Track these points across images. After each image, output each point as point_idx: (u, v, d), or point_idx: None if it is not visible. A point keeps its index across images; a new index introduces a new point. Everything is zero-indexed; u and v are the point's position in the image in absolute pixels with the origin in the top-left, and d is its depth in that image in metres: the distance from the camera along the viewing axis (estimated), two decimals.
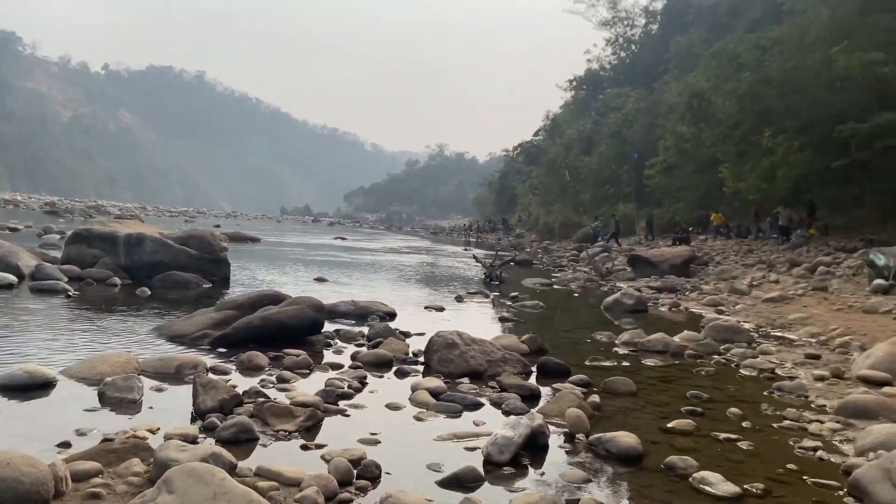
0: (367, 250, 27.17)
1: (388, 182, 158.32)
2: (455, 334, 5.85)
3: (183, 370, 5.00)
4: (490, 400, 4.83)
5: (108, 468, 3.05)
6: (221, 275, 11.29)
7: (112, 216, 36.25)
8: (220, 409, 4.00)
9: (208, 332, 6.33)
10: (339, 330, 7.26)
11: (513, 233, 48.96)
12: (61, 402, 4.22)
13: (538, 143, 65.52)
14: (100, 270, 10.31)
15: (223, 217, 71.54)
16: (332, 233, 46.29)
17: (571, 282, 15.93)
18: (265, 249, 22.70)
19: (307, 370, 5.42)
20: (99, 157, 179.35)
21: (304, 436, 3.82)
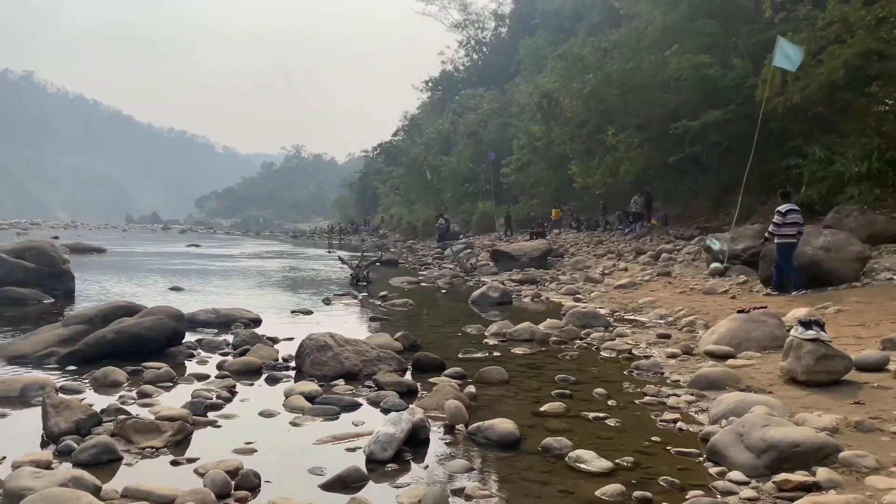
0: (225, 257, 26.09)
1: (243, 185, 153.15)
2: (327, 336, 5.75)
3: (28, 392, 4.56)
4: (367, 399, 4.79)
5: None
6: (64, 288, 10.42)
7: None
8: (76, 430, 3.68)
9: (55, 350, 5.81)
10: (201, 339, 6.92)
11: (377, 233, 48.91)
12: None
13: (397, 144, 65.85)
14: None
15: (61, 228, 66.09)
16: (185, 240, 44.06)
17: (438, 279, 16.14)
18: (112, 260, 21.18)
19: (170, 383, 5.12)
20: None
21: (173, 451, 3.61)
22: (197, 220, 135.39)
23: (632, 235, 20.56)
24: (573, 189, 26.87)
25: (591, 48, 24.60)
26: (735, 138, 16.56)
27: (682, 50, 18.10)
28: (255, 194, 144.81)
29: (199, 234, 65.20)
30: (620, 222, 23.12)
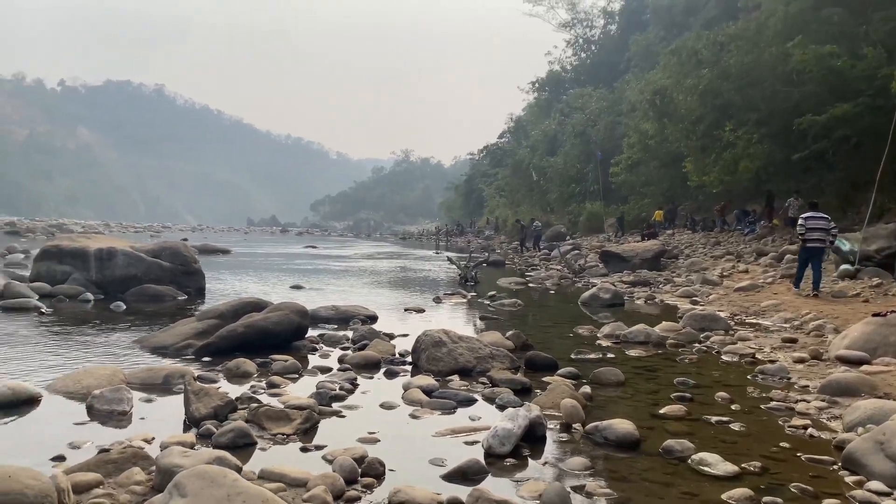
0: (340, 257, 27.02)
1: (355, 189, 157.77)
2: (442, 332, 5.86)
3: (170, 380, 4.93)
4: (483, 395, 4.85)
5: (109, 478, 3.00)
6: (196, 286, 11.14)
7: (77, 233, 35.49)
8: (214, 415, 3.95)
9: (191, 342, 6.24)
10: (322, 334, 7.23)
11: (482, 234, 49.10)
12: (49, 417, 4.13)
13: (503, 146, 65.90)
14: (71, 287, 10.10)
15: (189, 231, 70.48)
16: (302, 242, 45.95)
17: (546, 280, 16.03)
18: (236, 260, 22.44)
19: (296, 374, 5.39)
20: (58, 176, 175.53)
21: (301, 438, 3.80)
22: (312, 222, 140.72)
23: (752, 236, 19.59)
24: (686, 188, 25.95)
25: (706, 42, 23.72)
26: (866, 132, 15.46)
27: (806, 41, 17.11)
28: (367, 198, 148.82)
29: (314, 237, 67.83)
30: (739, 222, 22.08)
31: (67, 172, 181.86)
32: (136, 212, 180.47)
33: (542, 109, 56.71)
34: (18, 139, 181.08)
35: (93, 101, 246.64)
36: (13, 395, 4.28)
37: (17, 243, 25.41)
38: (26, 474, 2.57)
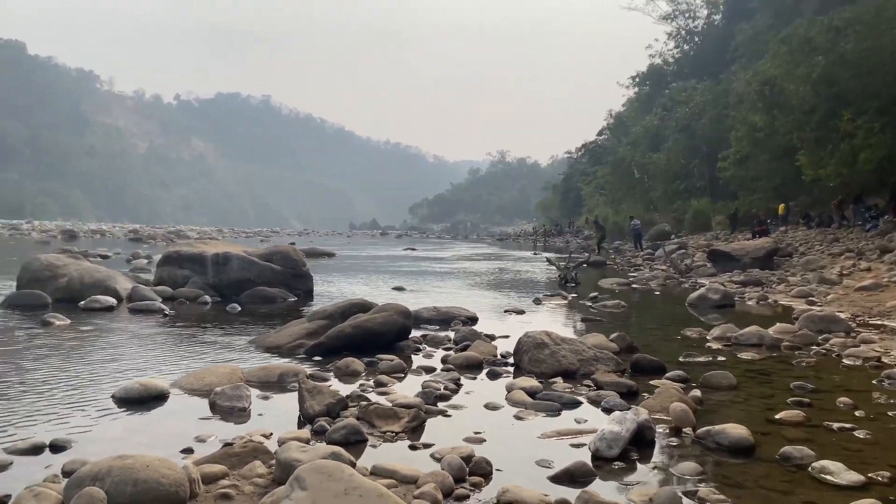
0: (438, 259, 27.37)
1: (452, 192, 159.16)
2: (544, 334, 5.84)
3: (285, 378, 5.16)
4: (587, 398, 4.80)
5: (233, 471, 3.19)
6: (305, 288, 11.59)
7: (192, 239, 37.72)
8: (326, 413, 4.11)
9: (303, 342, 6.52)
10: (425, 335, 7.36)
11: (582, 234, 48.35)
12: (176, 412, 4.42)
13: (602, 143, 64.69)
14: (190, 290, 10.74)
15: (296, 235, 73.40)
16: (402, 244, 46.85)
17: (650, 280, 15.63)
18: (340, 263, 23.17)
19: (402, 374, 5.52)
20: (174, 185, 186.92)
21: (409, 436, 3.89)
22: (411, 225, 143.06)
23: (875, 232, 18.34)
24: (800, 182, 24.60)
25: (819, 28, 22.45)
26: None
27: None
28: (463, 199, 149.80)
29: (413, 239, 68.98)
30: (859, 218, 20.72)
31: (182, 182, 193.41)
32: (246, 217, 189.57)
33: (643, 104, 55.26)
34: (139, 152, 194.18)
35: (205, 114, 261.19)
36: (144, 391, 4.61)
37: (141, 249, 27.24)
38: (162, 464, 2.78)
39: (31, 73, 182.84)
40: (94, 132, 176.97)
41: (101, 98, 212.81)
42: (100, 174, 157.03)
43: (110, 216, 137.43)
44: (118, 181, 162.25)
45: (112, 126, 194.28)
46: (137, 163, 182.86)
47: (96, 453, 3.39)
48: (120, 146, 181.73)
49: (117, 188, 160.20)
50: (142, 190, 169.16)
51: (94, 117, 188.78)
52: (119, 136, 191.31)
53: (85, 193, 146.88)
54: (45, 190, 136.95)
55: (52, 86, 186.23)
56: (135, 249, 27.14)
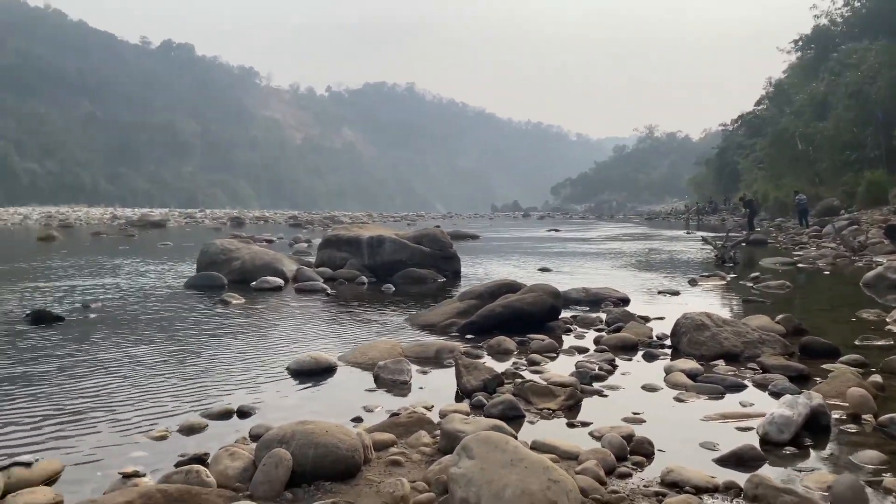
0: (583, 240, 26.94)
1: (596, 170, 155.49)
2: (704, 315, 5.62)
3: (441, 354, 5.35)
4: (753, 381, 4.58)
5: (401, 439, 3.37)
6: (453, 269, 11.86)
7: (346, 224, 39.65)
8: (483, 388, 4.23)
9: (455, 321, 6.70)
10: (575, 316, 7.32)
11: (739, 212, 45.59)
12: (344, 384, 4.72)
13: (761, 114, 60.45)
14: (348, 271, 11.33)
15: (440, 218, 74.97)
16: (544, 225, 46.52)
17: (817, 259, 14.52)
18: (485, 245, 23.43)
19: (554, 354, 5.54)
20: (328, 173, 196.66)
21: (566, 414, 3.91)
22: (553, 206, 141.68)
23: None
24: None
25: None
26: None
27: None
28: (608, 178, 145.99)
29: (556, 220, 68.30)
30: None
31: (335, 169, 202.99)
32: (393, 202, 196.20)
33: (808, 70, 50.94)
34: (296, 142, 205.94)
35: (354, 103, 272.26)
36: (315, 364, 4.95)
37: (300, 234, 29.01)
38: (339, 430, 2.99)
39: (200, 73, 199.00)
40: (255, 125, 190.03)
41: (261, 93, 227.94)
42: (261, 164, 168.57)
43: (272, 203, 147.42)
44: (278, 170, 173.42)
45: (271, 119, 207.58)
46: (294, 152, 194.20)
47: (277, 419, 3.71)
48: (278, 137, 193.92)
49: (277, 177, 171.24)
50: (299, 178, 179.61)
51: (256, 111, 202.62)
52: (277, 127, 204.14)
53: (249, 183, 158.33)
54: (215, 181, 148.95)
55: (218, 83, 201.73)
56: (295, 234, 28.99)
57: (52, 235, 25.10)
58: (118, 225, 40.25)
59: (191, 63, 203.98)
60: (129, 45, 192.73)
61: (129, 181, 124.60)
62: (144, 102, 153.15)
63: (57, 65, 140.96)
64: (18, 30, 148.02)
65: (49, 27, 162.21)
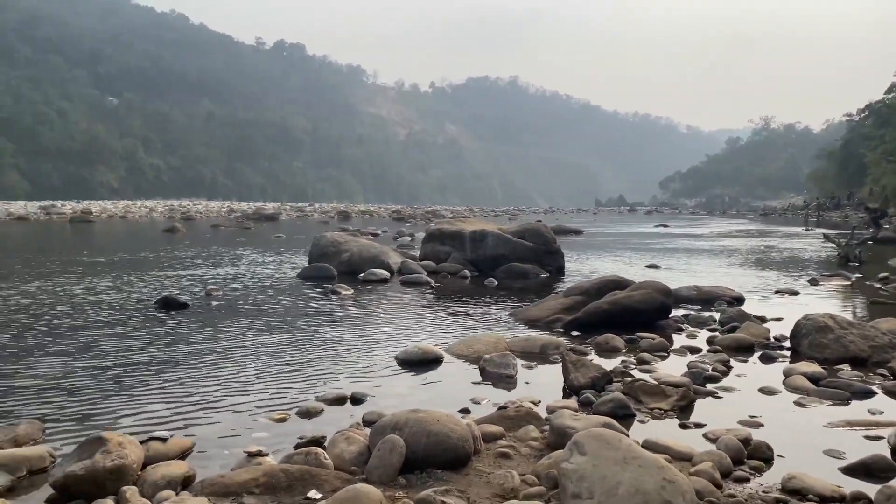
0: (694, 236, 26.00)
1: (707, 164, 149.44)
2: (827, 317, 5.32)
3: (546, 350, 5.33)
4: (883, 388, 4.30)
5: (509, 432, 3.40)
6: (556, 265, 11.75)
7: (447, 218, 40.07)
8: (591, 385, 4.19)
9: (560, 317, 6.66)
10: (687, 315, 7.10)
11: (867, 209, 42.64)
12: (450, 375, 4.79)
13: (890, 102, 56.18)
14: (451, 265, 11.46)
15: (541, 213, 74.36)
16: (651, 221, 45.24)
17: None
18: (589, 240, 23.06)
19: (664, 353, 5.40)
20: (430, 168, 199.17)
21: (678, 415, 3.82)
22: (661, 201, 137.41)
23: None
24: None
25: None
26: None
27: None
28: (720, 172, 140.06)
29: (664, 215, 66.24)
30: None
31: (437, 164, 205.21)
32: (494, 197, 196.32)
33: None
34: (400, 138, 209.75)
35: (457, 98, 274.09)
36: (423, 355, 5.06)
37: (404, 228, 29.56)
38: (450, 420, 3.05)
39: (311, 72, 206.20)
40: (361, 122, 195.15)
41: (368, 90, 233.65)
42: (367, 160, 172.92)
43: (376, 198, 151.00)
44: (382, 166, 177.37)
45: (377, 115, 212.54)
46: (398, 148, 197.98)
47: (388, 407, 3.83)
48: (383, 134, 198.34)
49: (382, 172, 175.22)
50: (402, 173, 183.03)
51: (362, 108, 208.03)
52: (383, 124, 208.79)
53: (355, 177, 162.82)
54: (323, 176, 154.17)
55: (327, 82, 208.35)
56: (399, 228, 29.58)
57: (176, 227, 26.77)
58: (235, 218, 42.41)
59: (302, 62, 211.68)
60: (245, 46, 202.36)
61: (244, 176, 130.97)
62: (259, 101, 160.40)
63: (180, 66, 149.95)
64: (146, 34, 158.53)
65: (173, 31, 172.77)
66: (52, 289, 8.96)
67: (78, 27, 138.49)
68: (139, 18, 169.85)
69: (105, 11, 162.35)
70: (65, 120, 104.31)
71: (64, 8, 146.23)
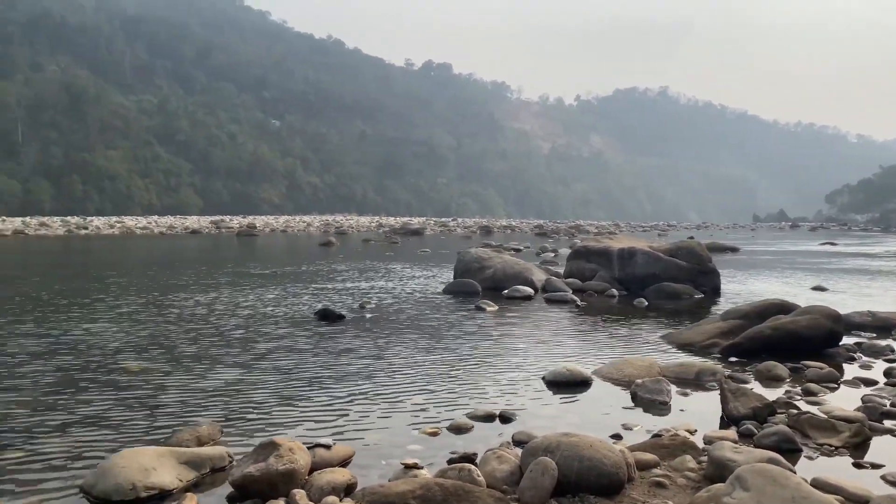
0: (866, 255, 23.82)
1: (882, 176, 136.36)
2: None
3: (702, 376, 5.12)
4: None
5: (663, 461, 3.31)
6: (711, 285, 11.22)
7: (592, 234, 39.38)
8: (752, 416, 3.97)
9: (716, 341, 6.36)
10: (860, 343, 6.54)
11: None
12: (600, 399, 4.73)
13: None
14: (598, 283, 11.27)
15: (693, 228, 71.15)
16: (817, 238, 41.98)
17: None
18: (747, 258, 21.77)
19: (833, 384, 5.01)
20: (574, 182, 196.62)
21: (851, 453, 3.54)
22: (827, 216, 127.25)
23: None
24: None
25: None
26: None
27: None
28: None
29: (831, 232, 61.30)
30: None
31: (581, 178, 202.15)
32: (643, 211, 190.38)
33: None
34: (543, 152, 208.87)
35: (603, 111, 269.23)
36: (571, 377, 5.03)
37: (546, 243, 29.38)
38: (603, 446, 3.03)
39: (457, 90, 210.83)
40: (505, 137, 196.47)
41: (511, 106, 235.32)
42: (509, 175, 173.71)
43: (518, 212, 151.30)
44: (525, 180, 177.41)
45: (520, 130, 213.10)
46: (541, 162, 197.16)
47: (537, 427, 3.85)
48: (526, 148, 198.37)
49: (524, 187, 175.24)
50: (545, 187, 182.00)
51: (506, 123, 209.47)
52: (526, 139, 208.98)
53: (497, 192, 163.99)
54: (466, 191, 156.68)
55: (473, 99, 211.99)
56: (541, 243, 29.45)
57: (331, 241, 28.30)
58: (383, 232, 44.12)
59: (448, 81, 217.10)
60: (395, 68, 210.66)
61: (392, 192, 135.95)
62: (407, 119, 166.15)
63: (335, 89, 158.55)
64: (306, 60, 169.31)
65: (330, 55, 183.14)
66: (225, 300, 9.78)
67: (246, 55, 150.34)
68: (300, 45, 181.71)
69: (271, 40, 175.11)
70: (234, 142, 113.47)
71: (235, 38, 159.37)
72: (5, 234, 37.42)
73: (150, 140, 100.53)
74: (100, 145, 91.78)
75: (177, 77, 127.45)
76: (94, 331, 7.09)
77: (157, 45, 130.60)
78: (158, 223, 55.84)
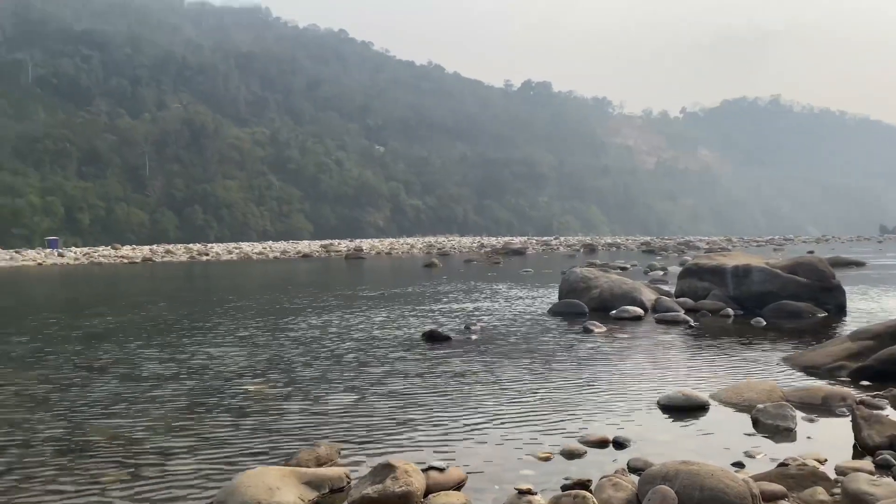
0: None
1: None
2: None
3: (830, 402, 4.82)
4: None
5: (791, 493, 3.14)
6: (836, 303, 10.55)
7: (702, 250, 37.91)
8: (889, 445, 3.71)
9: (844, 363, 5.97)
10: None
11: None
12: (719, 424, 4.54)
13: None
14: (712, 302, 10.83)
15: (812, 242, 67.12)
16: None
17: None
18: (874, 273, 20.32)
19: None
20: (681, 196, 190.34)
21: None
22: None
23: None
24: None
25: None
26: None
27: None
28: None
29: None
30: None
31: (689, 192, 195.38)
32: (756, 225, 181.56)
33: None
34: (648, 167, 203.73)
35: (710, 123, 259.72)
36: (686, 401, 4.86)
37: (655, 261, 28.53)
38: (725, 475, 2.91)
39: (557, 108, 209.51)
40: (606, 153, 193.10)
41: (613, 121, 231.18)
42: (612, 191, 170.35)
43: (622, 229, 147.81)
44: (629, 196, 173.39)
45: (622, 146, 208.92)
46: (645, 177, 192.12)
47: (653, 454, 3.74)
48: (630, 164, 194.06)
49: (628, 202, 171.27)
50: (650, 203, 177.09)
51: (608, 139, 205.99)
52: (629, 154, 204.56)
53: (600, 209, 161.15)
54: (568, 208, 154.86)
55: (573, 116, 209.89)
56: (649, 261, 28.64)
57: (434, 263, 28.69)
58: (485, 252, 44.25)
59: (548, 99, 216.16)
60: (494, 90, 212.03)
61: (492, 212, 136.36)
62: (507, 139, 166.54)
63: (437, 113, 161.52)
64: (408, 85, 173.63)
65: (430, 81, 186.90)
66: (337, 322, 10.12)
67: (350, 85, 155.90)
68: (401, 72, 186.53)
69: (374, 69, 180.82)
70: (340, 168, 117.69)
71: (339, 69, 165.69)
72: (135, 262, 40.48)
73: (264, 169, 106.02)
74: (218, 176, 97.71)
75: (287, 109, 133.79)
76: (216, 355, 7.50)
77: (268, 80, 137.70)
78: (272, 248, 58.54)
